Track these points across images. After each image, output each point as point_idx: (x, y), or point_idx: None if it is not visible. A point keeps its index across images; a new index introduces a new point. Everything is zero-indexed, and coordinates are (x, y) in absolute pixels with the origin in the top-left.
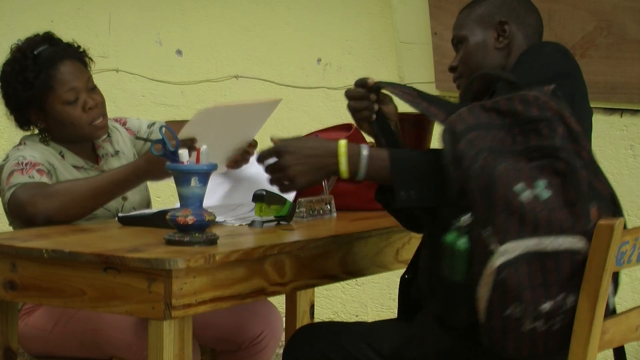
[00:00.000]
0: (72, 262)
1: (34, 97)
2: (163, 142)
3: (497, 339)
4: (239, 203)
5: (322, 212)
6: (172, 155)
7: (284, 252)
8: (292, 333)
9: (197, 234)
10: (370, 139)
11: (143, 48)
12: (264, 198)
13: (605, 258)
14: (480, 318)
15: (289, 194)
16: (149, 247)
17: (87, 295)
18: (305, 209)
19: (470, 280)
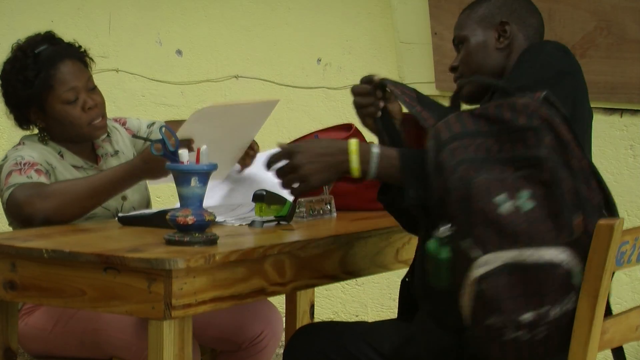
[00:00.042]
0: (72, 262)
1: (34, 96)
2: (163, 141)
3: (481, 346)
4: (239, 203)
5: (322, 212)
6: (172, 155)
7: (284, 252)
8: (292, 333)
9: (197, 234)
10: (372, 139)
11: (143, 48)
12: (264, 198)
13: (605, 258)
14: (466, 324)
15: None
16: (149, 247)
17: (87, 295)
18: (305, 209)
19: (455, 287)
